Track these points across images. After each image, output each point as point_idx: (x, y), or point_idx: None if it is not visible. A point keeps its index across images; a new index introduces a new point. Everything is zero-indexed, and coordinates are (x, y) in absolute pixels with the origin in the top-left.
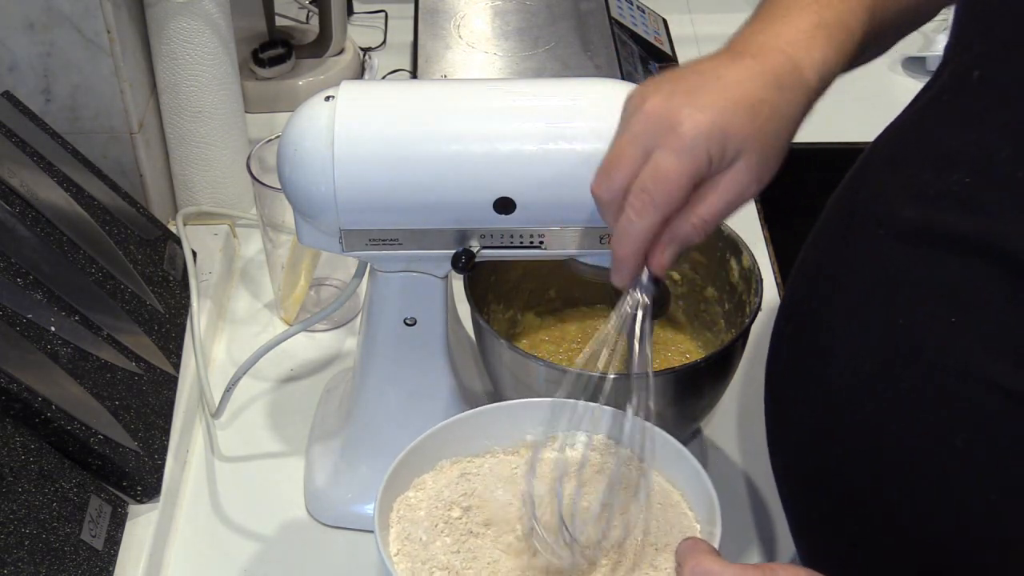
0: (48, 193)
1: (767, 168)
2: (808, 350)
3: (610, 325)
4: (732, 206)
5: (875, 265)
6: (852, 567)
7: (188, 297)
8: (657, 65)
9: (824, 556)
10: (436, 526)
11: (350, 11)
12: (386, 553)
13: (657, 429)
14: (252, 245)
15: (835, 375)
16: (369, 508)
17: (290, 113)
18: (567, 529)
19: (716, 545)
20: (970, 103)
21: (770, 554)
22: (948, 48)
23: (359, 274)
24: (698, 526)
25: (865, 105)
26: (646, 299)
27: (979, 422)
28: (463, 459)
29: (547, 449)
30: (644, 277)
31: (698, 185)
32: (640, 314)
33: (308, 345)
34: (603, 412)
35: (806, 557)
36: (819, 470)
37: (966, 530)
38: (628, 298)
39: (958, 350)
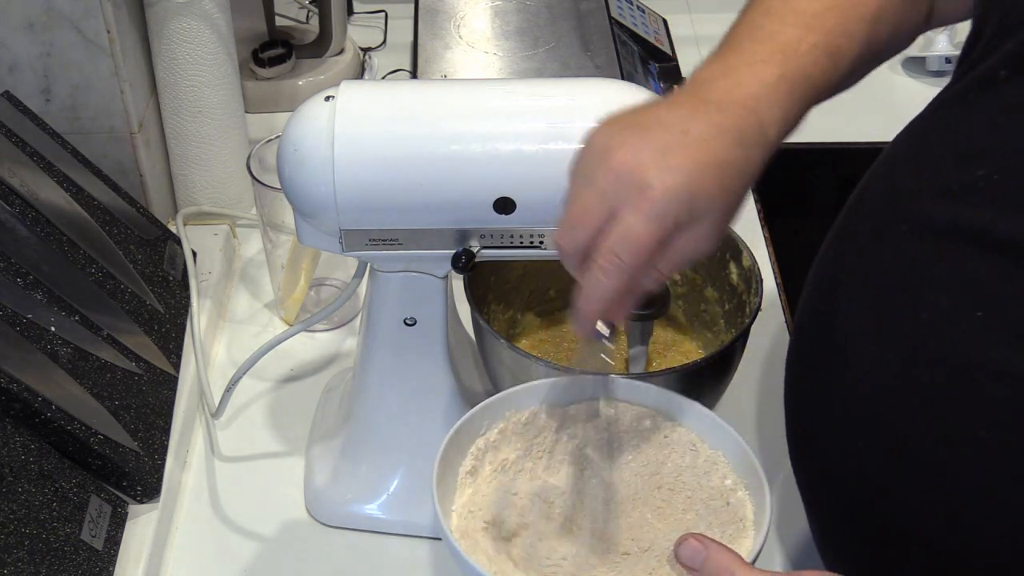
0: (48, 193)
1: (726, 225)
2: (829, 348)
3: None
4: (691, 261)
5: (898, 262)
6: (877, 566)
7: (188, 297)
8: (657, 65)
9: (848, 556)
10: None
11: (350, 11)
12: (442, 510)
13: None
14: (252, 245)
15: (857, 371)
16: (369, 508)
17: (290, 113)
18: None
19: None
20: (997, 102)
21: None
22: (968, 48)
23: (359, 274)
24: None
25: (865, 106)
26: (606, 344)
27: (1006, 416)
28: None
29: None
30: (601, 325)
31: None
32: (604, 358)
33: (308, 345)
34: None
35: (830, 557)
36: (842, 467)
37: (992, 525)
38: (590, 345)
39: (984, 345)
